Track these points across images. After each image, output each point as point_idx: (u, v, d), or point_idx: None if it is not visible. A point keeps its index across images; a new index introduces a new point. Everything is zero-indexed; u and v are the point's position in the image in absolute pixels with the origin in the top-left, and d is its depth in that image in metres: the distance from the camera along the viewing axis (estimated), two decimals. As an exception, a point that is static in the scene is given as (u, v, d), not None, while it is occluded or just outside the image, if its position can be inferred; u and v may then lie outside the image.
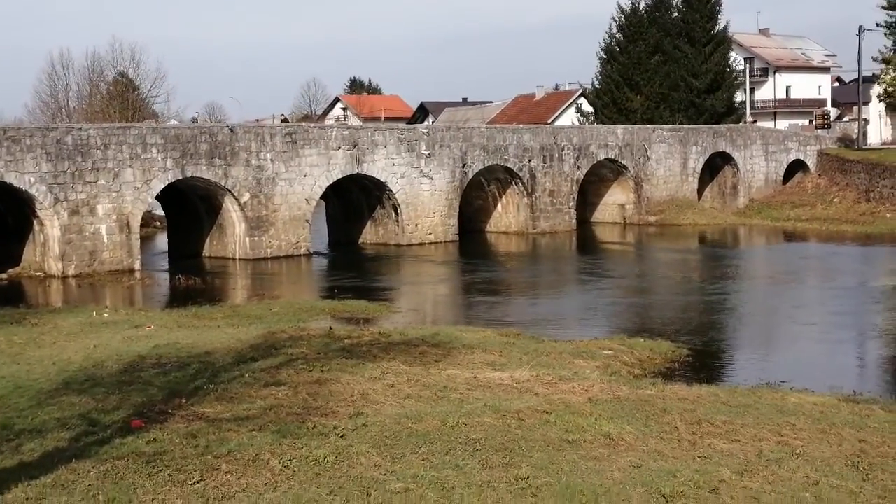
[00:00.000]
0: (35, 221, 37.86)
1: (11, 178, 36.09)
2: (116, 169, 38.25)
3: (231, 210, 42.23)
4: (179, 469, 11.06)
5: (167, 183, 39.91)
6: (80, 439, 12.41)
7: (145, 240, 45.27)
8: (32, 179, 36.35)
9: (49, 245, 37.59)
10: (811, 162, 64.86)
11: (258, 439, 12.26)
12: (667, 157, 58.34)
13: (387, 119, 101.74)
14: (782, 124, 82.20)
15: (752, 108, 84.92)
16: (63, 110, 73.64)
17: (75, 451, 11.77)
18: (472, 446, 12.02)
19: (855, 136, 70.66)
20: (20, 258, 39.11)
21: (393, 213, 47.71)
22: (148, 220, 50.68)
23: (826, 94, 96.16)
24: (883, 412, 14.62)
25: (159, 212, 53.34)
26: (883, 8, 64.69)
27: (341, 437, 12.44)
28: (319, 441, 12.22)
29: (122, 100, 70.93)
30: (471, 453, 11.74)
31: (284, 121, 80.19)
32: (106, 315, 25.23)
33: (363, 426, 12.95)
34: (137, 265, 38.71)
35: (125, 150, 38.51)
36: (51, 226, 37.21)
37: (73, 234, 37.26)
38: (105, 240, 37.99)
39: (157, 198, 42.80)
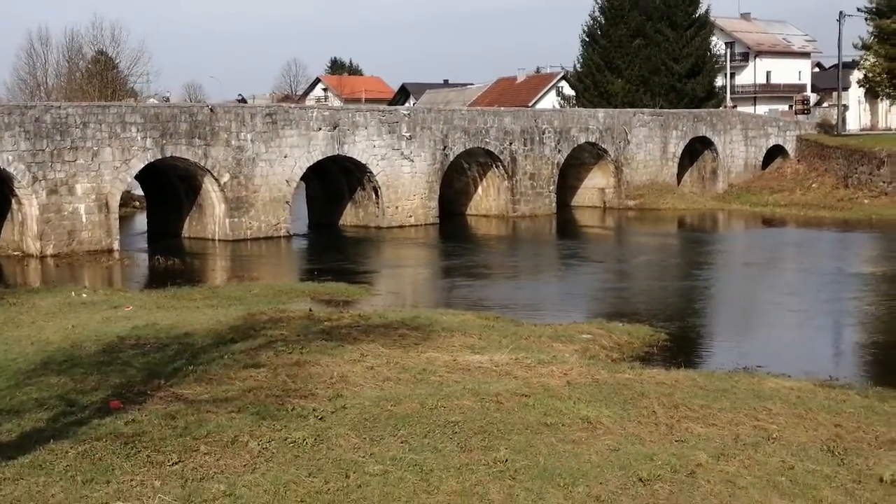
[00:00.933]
0: (13, 200, 37.64)
1: (-11, 157, 35.86)
2: (95, 148, 38.05)
3: (211, 191, 42.09)
4: (158, 450, 11.04)
5: (146, 163, 39.73)
6: (59, 420, 12.36)
7: (124, 220, 45.05)
8: (10, 158, 36.11)
9: (27, 224, 37.38)
10: (790, 147, 65.13)
11: (237, 421, 12.24)
12: (647, 142, 58.47)
13: (368, 100, 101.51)
14: (762, 109, 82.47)
15: (732, 92, 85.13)
16: (42, 88, 73.03)
17: (53, 432, 11.73)
18: (450, 429, 12.04)
19: (834, 122, 70.98)
20: (-2, 237, 38.91)
21: (373, 195, 47.65)
22: (127, 199, 50.42)
23: (806, 80, 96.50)
24: (858, 397, 14.74)
25: (138, 192, 53.11)
26: (864, -6, 64.94)
27: (320, 419, 12.44)
28: (298, 423, 12.22)
29: (101, 78, 70.39)
30: (450, 436, 11.77)
31: (241, 101, 79.63)
32: (84, 295, 25.13)
33: (342, 408, 12.95)
34: (116, 245, 38.56)
35: (104, 129, 38.29)
36: (29, 205, 36.99)
37: (51, 214, 37.07)
38: (84, 219, 37.81)
39: (137, 178, 42.62)
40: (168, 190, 44.50)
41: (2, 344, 17.84)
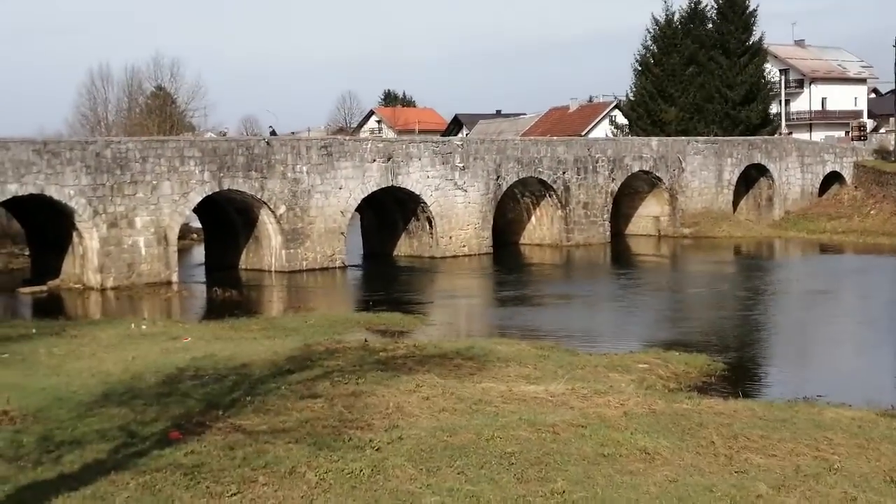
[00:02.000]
0: (74, 234, 38.24)
1: (52, 191, 36.52)
2: (154, 182, 38.61)
3: (267, 222, 42.49)
4: (217, 481, 11.15)
5: (204, 195, 40.23)
6: (120, 451, 12.52)
7: (182, 252, 45.52)
8: (72, 192, 36.75)
9: (88, 257, 37.96)
10: (847, 174, 64.33)
11: (295, 452, 12.33)
12: (701, 169, 58.09)
13: (421, 131, 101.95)
14: (818, 136, 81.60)
15: (787, 119, 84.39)
16: (102, 124, 74.40)
17: (115, 463, 11.88)
18: (507, 460, 12.03)
19: (892, 148, 70.02)
20: (60, 270, 39.46)
21: (427, 226, 47.80)
22: (185, 232, 51.03)
23: (862, 106, 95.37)
24: (921, 427, 14.51)
25: (196, 224, 53.70)
26: (920, 18, 64.21)
27: (377, 449, 12.49)
28: (355, 454, 12.27)
29: (160, 113, 71.55)
30: (506, 467, 11.75)
31: (273, 133, 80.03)
32: (144, 327, 25.40)
33: (398, 439, 12.99)
34: (175, 277, 39.00)
35: (163, 163, 38.87)
36: (90, 238, 37.58)
37: (111, 247, 37.63)
38: (143, 252, 38.32)
39: (195, 210, 43.12)
40: (225, 222, 44.96)
41: (63, 376, 18.06)
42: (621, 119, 78.60)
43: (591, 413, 14.72)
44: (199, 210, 44.00)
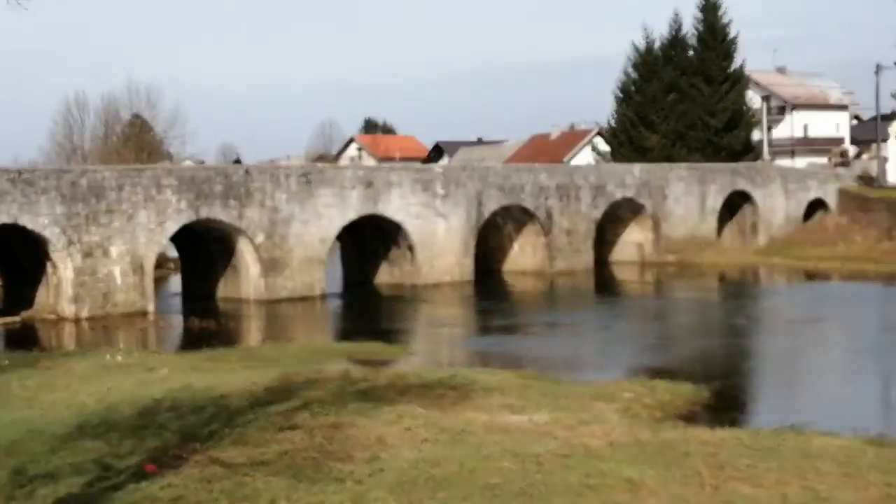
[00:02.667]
0: (48, 264, 37.84)
1: (25, 221, 36.19)
2: (130, 211, 38.33)
3: (245, 251, 42.21)
4: (193, 515, 10.88)
5: (181, 224, 39.97)
6: (94, 484, 12.30)
7: (159, 281, 45.28)
8: (46, 221, 36.44)
9: (62, 287, 37.55)
10: (831, 200, 64.61)
11: (274, 484, 12.14)
12: (685, 196, 58.22)
13: (402, 159, 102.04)
14: (801, 162, 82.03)
15: (769, 146, 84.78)
16: (78, 152, 73.95)
17: (89, 497, 11.70)
18: (490, 491, 11.86)
19: (875, 174, 70.45)
20: (33, 300, 39.05)
21: (408, 254, 47.62)
22: (161, 261, 50.74)
23: (844, 132, 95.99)
24: (910, 455, 14.37)
25: (173, 253, 53.40)
26: (899, 46, 64.75)
27: (358, 482, 12.30)
28: (336, 486, 12.08)
29: (137, 141, 71.25)
30: (489, 499, 11.59)
31: (237, 161, 79.31)
32: (119, 358, 25.08)
33: (380, 471, 12.80)
34: (151, 307, 38.69)
35: (139, 191, 38.61)
36: (64, 268, 37.21)
37: (86, 277, 37.28)
38: (118, 282, 37.98)
39: (171, 239, 42.83)
40: (202, 251, 44.66)
41: (37, 408, 17.82)
42: (603, 146, 78.85)
43: (576, 443, 14.56)
44: (176, 239, 43.68)
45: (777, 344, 30.68)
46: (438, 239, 47.67)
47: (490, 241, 53.45)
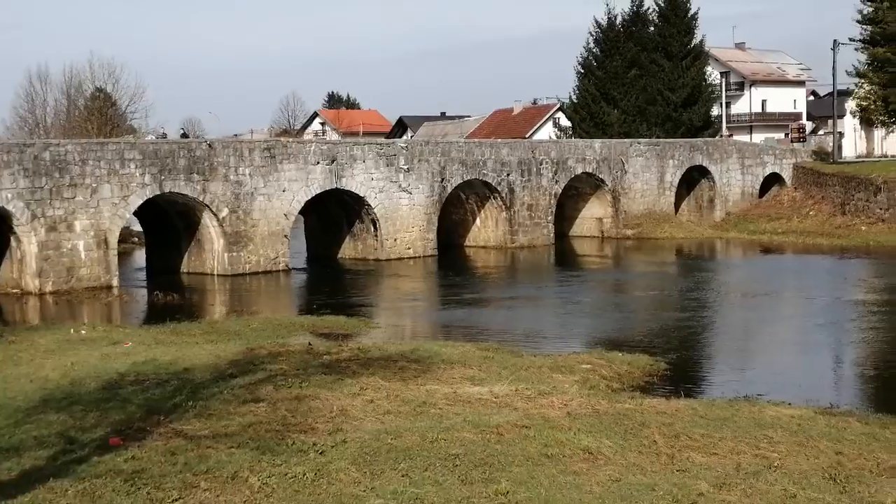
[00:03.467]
0: (12, 238, 37.59)
1: (-12, 195, 35.91)
2: (94, 185, 38.11)
3: (209, 225, 42.13)
4: (158, 487, 11.02)
5: (145, 199, 39.78)
6: (58, 458, 12.34)
7: (123, 256, 45.04)
8: (9, 196, 36.16)
9: (26, 262, 37.35)
10: (787, 175, 65.23)
11: (237, 456, 12.23)
12: (644, 171, 58.60)
13: (365, 134, 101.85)
14: (758, 138, 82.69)
15: (728, 121, 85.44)
16: (40, 126, 73.25)
17: (53, 470, 11.70)
18: (451, 462, 12.04)
19: (830, 150, 71.15)
20: (-3, 275, 38.85)
21: (372, 228, 47.71)
22: (126, 236, 50.45)
23: (801, 108, 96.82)
24: (859, 424, 14.75)
25: (137, 228, 53.12)
26: (858, 22, 65.28)
27: (320, 453, 12.43)
28: (299, 458, 12.21)
29: (100, 115, 70.60)
30: (450, 469, 11.76)
31: (184, 136, 78.21)
32: (84, 332, 25.08)
33: (342, 442, 12.95)
34: (115, 282, 38.53)
35: (103, 165, 38.38)
36: (28, 242, 36.99)
37: (50, 251, 37.08)
38: (83, 256, 37.81)
39: (135, 214, 42.64)
40: (167, 225, 44.50)
41: (1, 382, 17.78)
42: (565, 121, 79.07)
43: (535, 414, 14.78)
44: (140, 213, 43.48)
45: (732, 316, 31.11)
46: (402, 213, 47.76)
47: (453, 215, 53.62)
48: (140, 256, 51.11)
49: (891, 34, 63.07)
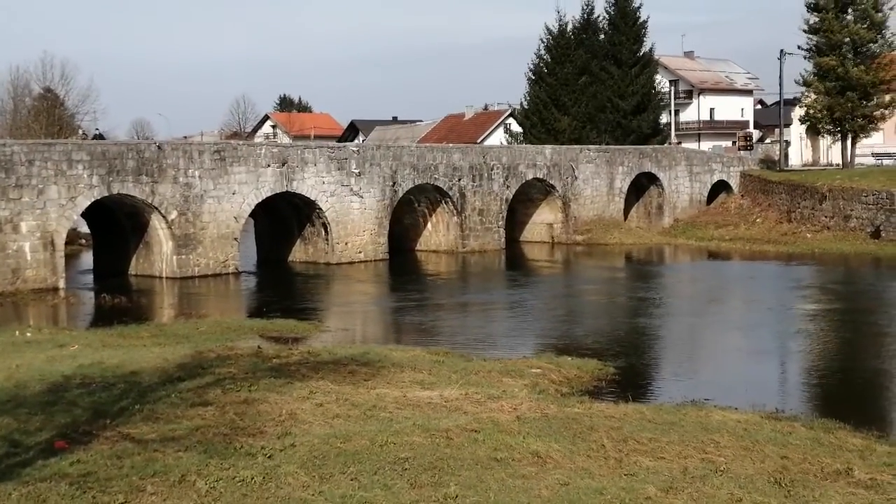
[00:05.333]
0: (-44, 239, 37.06)
1: (-69, 195, 35.34)
2: (41, 185, 37.65)
3: (158, 228, 41.77)
4: (104, 491, 10.92)
5: (93, 200, 39.35)
6: (2, 461, 12.19)
7: (70, 258, 44.48)
8: (-47, 196, 35.64)
9: (-30, 263, 36.82)
10: (734, 183, 65.99)
11: (184, 460, 12.15)
12: (594, 178, 58.97)
13: (317, 137, 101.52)
14: (706, 145, 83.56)
15: (676, 129, 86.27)
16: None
17: (-3, 473, 11.56)
18: (400, 465, 12.04)
19: (777, 158, 72.08)
20: (-60, 276, 38.21)
21: (323, 232, 47.56)
22: (73, 237, 49.84)
23: (749, 116, 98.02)
24: (804, 429, 14.94)
25: (85, 229, 52.54)
26: (803, 31, 66.10)
27: (269, 457, 12.38)
28: (247, 461, 12.15)
29: (48, 116, 69.75)
30: (399, 472, 11.76)
31: (99, 136, 76.97)
32: (29, 334, 24.78)
33: (291, 446, 12.90)
34: (62, 283, 38.07)
35: (50, 166, 37.92)
36: (-28, 243, 36.46)
37: (-6, 252, 36.56)
38: (28, 257, 37.31)
39: (83, 215, 42.18)
40: (115, 227, 44.06)
41: (-56, 384, 17.49)
42: (516, 127, 79.32)
43: (485, 418, 14.81)
44: (88, 215, 43.03)
45: (680, 322, 31.36)
46: (353, 217, 47.67)
47: (404, 220, 53.59)
48: (87, 258, 50.55)
49: (835, 43, 63.99)
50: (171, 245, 41.64)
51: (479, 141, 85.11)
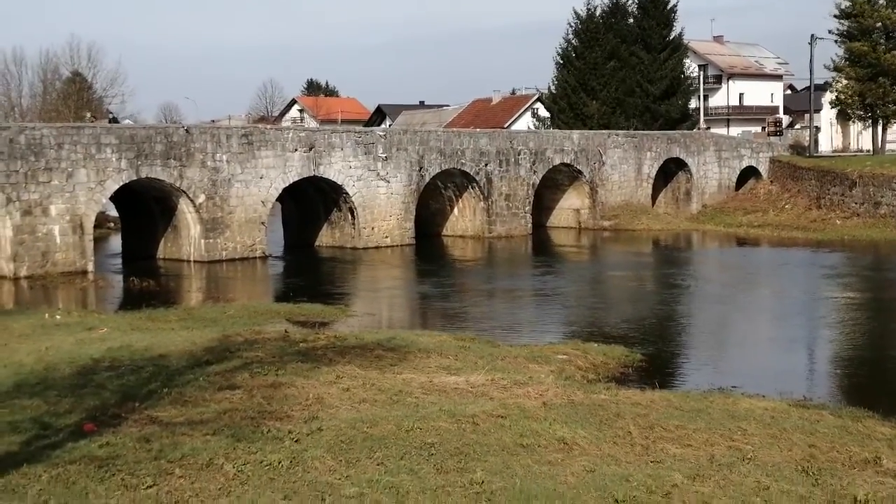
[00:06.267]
0: (-14, 221, 37.36)
1: (-38, 178, 35.61)
2: (70, 169, 37.88)
3: (186, 211, 41.96)
4: (132, 473, 10.97)
5: (121, 184, 39.57)
6: (32, 443, 12.26)
7: (99, 241, 44.83)
8: (-16, 179, 35.91)
9: (1, 246, 37.10)
10: (763, 169, 65.58)
11: (212, 443, 12.18)
12: (621, 163, 58.76)
13: (344, 121, 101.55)
14: (735, 131, 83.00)
15: (705, 114, 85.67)
16: (16, 109, 72.73)
17: (26, 455, 11.62)
18: (427, 451, 12.03)
19: (806, 144, 71.52)
20: (-29, 259, 38.56)
21: (349, 216, 47.63)
22: (102, 221, 50.17)
23: (779, 102, 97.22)
24: (832, 417, 14.83)
25: (113, 213, 52.85)
26: (834, 16, 65.49)
27: (296, 441, 12.40)
28: (274, 445, 12.17)
29: (76, 99, 70.17)
30: (426, 458, 11.75)
31: (113, 120, 77.08)
32: (58, 317, 24.95)
33: (318, 430, 12.91)
34: (91, 267, 38.33)
35: (79, 150, 38.14)
36: (3, 226, 36.73)
37: (25, 235, 36.83)
38: (58, 241, 37.58)
39: (112, 199, 42.42)
40: (143, 211, 44.31)
41: (-26, 367, 17.65)
42: (543, 112, 79.13)
43: (511, 403, 14.79)
44: (117, 198, 43.28)
45: (708, 309, 31.23)
46: (380, 202, 47.72)
47: (431, 204, 53.60)
48: (116, 242, 50.88)
49: (867, 28, 63.37)
50: (198, 229, 41.82)
51: (506, 126, 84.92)
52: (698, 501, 10.45)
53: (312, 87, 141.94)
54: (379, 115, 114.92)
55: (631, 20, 71.85)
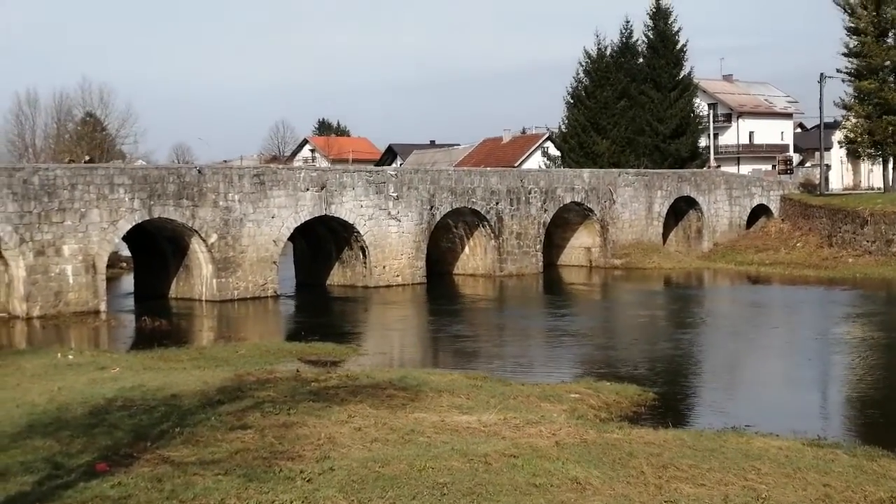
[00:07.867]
0: (0, 262, 37.52)
1: (-24, 219, 35.80)
2: (83, 209, 38.09)
3: (198, 251, 42.09)
4: (145, 513, 10.97)
5: (134, 223, 39.75)
6: (44, 483, 12.27)
7: (111, 281, 44.95)
8: (-2, 219, 36.12)
9: (14, 286, 37.26)
10: (774, 207, 65.57)
11: (224, 483, 12.18)
12: (632, 201, 58.82)
13: (355, 161, 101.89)
14: (745, 169, 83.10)
15: (715, 152, 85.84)
16: (30, 150, 73.22)
17: (39, 495, 11.64)
18: (439, 490, 11.99)
19: (817, 182, 71.53)
20: (-16, 299, 38.70)
21: (361, 255, 47.72)
22: (114, 260, 50.32)
23: (788, 140, 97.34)
24: (847, 456, 14.75)
25: (126, 253, 53.03)
26: (843, 55, 65.70)
27: (308, 481, 12.38)
28: (286, 485, 12.15)
29: (89, 140, 70.64)
30: (438, 498, 11.72)
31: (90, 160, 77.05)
32: (71, 357, 24.98)
33: (330, 470, 12.89)
34: (103, 306, 38.44)
35: (92, 190, 38.37)
36: (16, 266, 36.90)
37: (38, 275, 36.98)
38: (71, 280, 37.72)
39: (124, 238, 42.59)
40: (155, 251, 44.46)
41: (-13, 406, 17.67)
42: (554, 150, 79.37)
43: (523, 443, 14.74)
44: (129, 238, 43.44)
45: (720, 347, 31.12)
46: (391, 241, 47.82)
47: (442, 243, 53.68)
48: (128, 281, 50.99)
49: (875, 67, 63.55)
50: (210, 268, 41.94)
51: (516, 164, 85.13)
52: (713, 541, 10.40)
53: (324, 127, 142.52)
54: (390, 154, 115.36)
55: (641, 59, 72.24)
